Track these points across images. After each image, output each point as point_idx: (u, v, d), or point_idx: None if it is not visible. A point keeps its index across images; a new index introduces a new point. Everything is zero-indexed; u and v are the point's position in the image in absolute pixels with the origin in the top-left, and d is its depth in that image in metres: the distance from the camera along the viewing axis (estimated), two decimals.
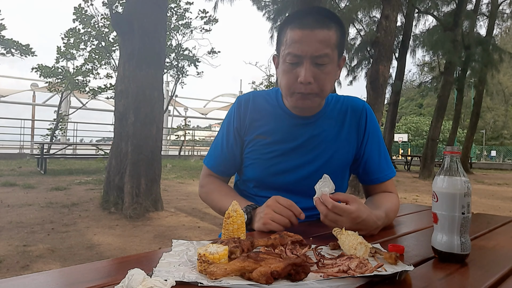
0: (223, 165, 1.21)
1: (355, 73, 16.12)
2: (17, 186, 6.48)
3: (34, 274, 0.60)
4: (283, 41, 1.01)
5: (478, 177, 13.25)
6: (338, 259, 0.65)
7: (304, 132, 1.11)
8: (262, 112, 1.14)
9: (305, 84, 0.98)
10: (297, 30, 0.97)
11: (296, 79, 0.99)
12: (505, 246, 0.87)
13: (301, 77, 0.97)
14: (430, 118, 21.04)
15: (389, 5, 7.99)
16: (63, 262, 2.90)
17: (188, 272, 0.60)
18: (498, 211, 6.03)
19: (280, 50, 1.03)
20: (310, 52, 0.96)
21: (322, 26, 0.97)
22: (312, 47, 0.96)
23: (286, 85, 1.02)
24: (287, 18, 1.03)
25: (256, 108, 1.14)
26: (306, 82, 0.97)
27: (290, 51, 0.98)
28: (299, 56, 0.97)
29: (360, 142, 1.14)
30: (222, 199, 1.12)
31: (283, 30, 1.02)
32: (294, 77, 0.99)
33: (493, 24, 15.12)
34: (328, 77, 1.00)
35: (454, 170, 0.72)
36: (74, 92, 12.89)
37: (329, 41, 0.98)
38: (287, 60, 0.99)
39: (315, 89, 1.00)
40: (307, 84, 0.98)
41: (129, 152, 4.71)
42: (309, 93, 1.00)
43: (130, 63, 4.79)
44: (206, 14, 10.36)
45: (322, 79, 0.99)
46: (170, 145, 20.66)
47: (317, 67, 0.98)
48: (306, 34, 0.96)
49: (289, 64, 0.99)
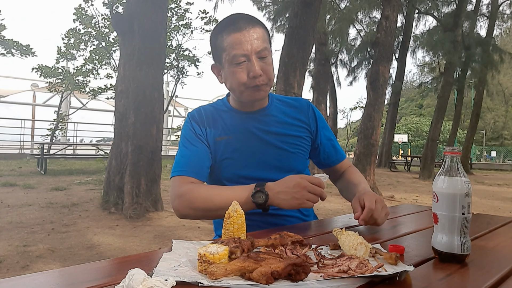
0: (197, 165, 1.13)
1: (355, 73, 16.14)
2: (17, 186, 6.48)
3: (34, 274, 0.60)
4: (223, 47, 1.09)
5: (478, 178, 13.25)
6: (338, 259, 0.65)
7: (257, 125, 1.20)
8: (215, 117, 1.21)
9: (257, 76, 1.08)
10: (235, 33, 1.07)
11: (247, 75, 1.08)
12: (505, 246, 0.87)
13: (253, 72, 1.07)
14: (430, 118, 21.06)
15: (389, 6, 8.00)
16: (63, 262, 2.90)
17: (188, 272, 0.60)
18: (498, 211, 6.03)
19: (222, 56, 1.11)
20: (253, 48, 1.07)
21: (254, 26, 1.09)
22: (254, 44, 1.07)
23: (239, 83, 1.09)
24: (218, 27, 1.12)
25: (208, 115, 1.21)
26: (258, 74, 1.07)
27: (236, 52, 1.07)
28: (245, 55, 1.07)
29: (315, 134, 1.28)
30: (218, 192, 1.05)
31: (219, 38, 1.11)
32: (245, 74, 1.08)
33: (493, 24, 15.13)
34: (271, 67, 1.12)
35: (455, 170, 0.72)
36: (74, 92, 12.90)
37: (263, 37, 1.10)
38: (235, 61, 1.08)
39: (265, 79, 1.10)
40: (259, 77, 1.08)
41: (129, 152, 4.71)
42: (262, 84, 1.10)
43: (130, 63, 4.79)
44: (206, 15, 10.36)
45: (268, 70, 1.10)
46: (170, 145, 20.65)
47: (261, 60, 1.09)
48: (244, 35, 1.07)
49: (237, 64, 1.08)
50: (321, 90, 12.92)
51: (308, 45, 6.11)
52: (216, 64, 1.17)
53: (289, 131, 1.22)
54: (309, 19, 5.99)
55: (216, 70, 1.19)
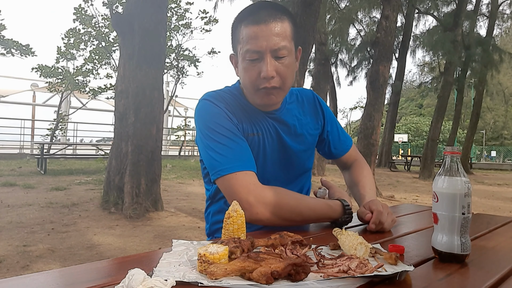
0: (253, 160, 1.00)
1: (355, 73, 16.15)
2: (17, 186, 6.47)
3: (34, 274, 0.60)
4: (239, 39, 0.99)
5: (478, 178, 13.25)
6: (338, 259, 0.65)
7: (278, 125, 1.11)
8: (238, 108, 1.07)
9: (268, 78, 0.96)
10: (252, 26, 0.96)
11: (258, 75, 0.97)
12: (505, 246, 0.87)
13: (263, 72, 0.96)
14: (430, 118, 21.05)
15: (389, 6, 7.99)
16: (63, 262, 2.90)
17: (188, 272, 0.60)
18: (498, 211, 6.03)
19: (237, 48, 1.01)
20: (269, 46, 0.95)
21: (275, 19, 0.96)
22: (270, 41, 0.95)
23: (249, 82, 1.00)
24: (239, 16, 1.01)
25: (230, 104, 1.06)
26: (269, 76, 0.96)
27: (249, 48, 0.96)
28: (259, 52, 0.96)
29: (322, 125, 1.22)
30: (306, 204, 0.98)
31: (237, 28, 1.01)
32: (256, 73, 0.98)
33: (493, 24, 15.13)
34: (288, 70, 0.99)
35: (454, 170, 0.72)
36: (74, 92, 12.89)
37: (285, 33, 0.97)
38: (247, 57, 0.97)
39: (278, 82, 0.98)
40: (270, 79, 0.97)
41: (129, 152, 4.71)
42: (273, 87, 0.98)
43: (130, 63, 4.79)
44: (206, 14, 10.36)
45: (283, 72, 0.98)
46: (170, 145, 20.65)
47: (277, 60, 0.97)
48: (262, 29, 0.95)
49: (250, 61, 0.98)
50: (321, 90, 12.92)
51: (308, 45, 6.12)
52: (234, 55, 1.08)
53: (303, 130, 1.16)
54: (309, 19, 6.00)
55: (234, 61, 1.09)
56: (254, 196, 0.92)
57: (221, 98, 1.05)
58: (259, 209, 0.91)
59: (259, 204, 0.91)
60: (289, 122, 1.13)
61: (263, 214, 0.92)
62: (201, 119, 1.03)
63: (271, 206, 0.92)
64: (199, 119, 1.04)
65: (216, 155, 0.97)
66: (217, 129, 0.99)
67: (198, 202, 5.69)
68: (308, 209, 0.97)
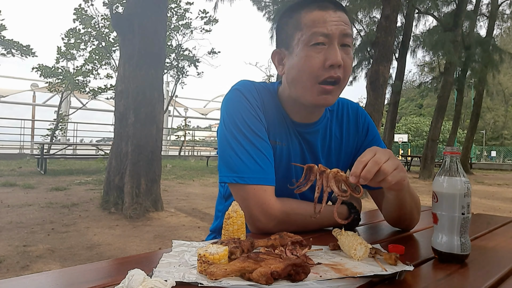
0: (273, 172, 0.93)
1: (355, 73, 16.12)
2: (17, 186, 6.48)
3: (34, 275, 0.60)
4: (300, 25, 0.90)
5: (478, 178, 13.24)
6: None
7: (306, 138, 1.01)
8: (269, 111, 0.98)
9: (335, 66, 0.87)
10: (319, 11, 0.89)
11: (322, 63, 0.87)
12: (505, 246, 0.87)
13: (332, 59, 0.86)
14: (430, 118, 21.05)
15: (389, 6, 7.99)
16: (63, 262, 2.90)
17: (188, 272, 0.60)
18: (498, 211, 6.03)
19: (294, 37, 0.91)
20: (339, 30, 0.87)
21: (341, 9, 0.91)
22: (340, 26, 0.88)
23: (309, 73, 0.89)
24: (293, 6, 0.94)
25: (264, 101, 0.97)
26: (338, 63, 0.87)
27: (316, 30, 0.87)
28: (328, 35, 0.87)
29: (360, 145, 1.08)
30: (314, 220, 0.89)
31: (294, 16, 0.92)
32: (320, 61, 0.88)
33: (493, 24, 15.13)
34: (351, 62, 0.92)
35: (454, 170, 0.72)
36: (74, 92, 12.90)
37: (349, 25, 0.91)
38: (312, 41, 0.87)
39: (342, 74, 0.89)
40: (337, 68, 0.87)
41: (129, 152, 4.71)
42: (336, 80, 0.89)
43: (130, 63, 4.79)
44: (206, 14, 10.37)
45: (348, 63, 0.90)
46: (170, 145, 20.66)
47: (343, 49, 0.89)
48: (330, 14, 0.88)
49: (314, 47, 0.87)
50: None
51: None
52: (280, 50, 0.97)
53: (332, 156, 1.05)
54: None
55: (278, 57, 0.98)
56: (264, 215, 0.89)
57: (256, 92, 0.97)
58: (266, 226, 0.90)
59: (267, 222, 0.89)
60: (318, 144, 1.03)
61: (267, 230, 0.89)
62: (228, 111, 0.95)
63: (278, 224, 0.89)
64: (226, 110, 0.95)
65: (236, 158, 0.90)
66: (243, 129, 0.92)
67: (198, 202, 5.69)
68: (315, 223, 0.93)
